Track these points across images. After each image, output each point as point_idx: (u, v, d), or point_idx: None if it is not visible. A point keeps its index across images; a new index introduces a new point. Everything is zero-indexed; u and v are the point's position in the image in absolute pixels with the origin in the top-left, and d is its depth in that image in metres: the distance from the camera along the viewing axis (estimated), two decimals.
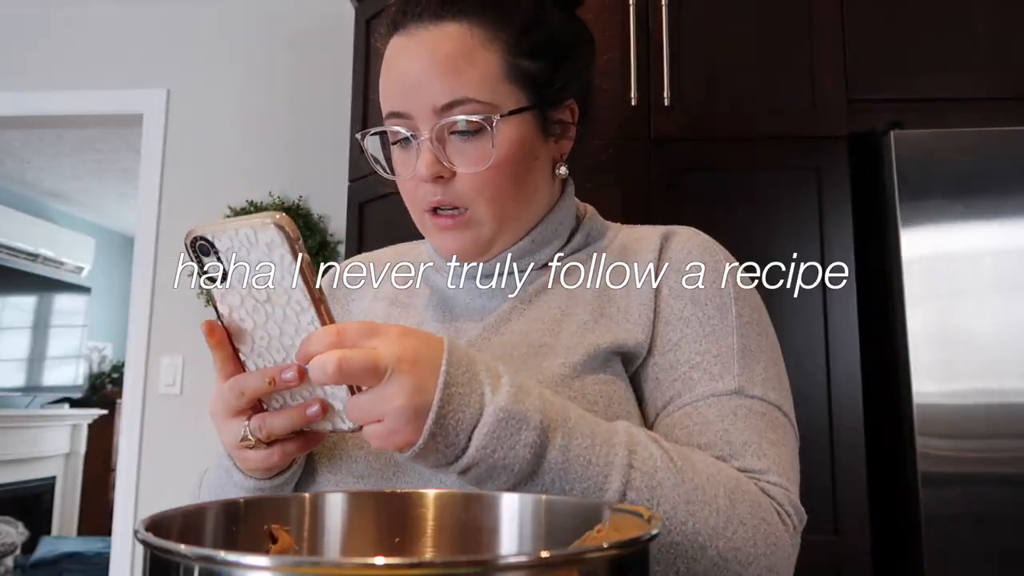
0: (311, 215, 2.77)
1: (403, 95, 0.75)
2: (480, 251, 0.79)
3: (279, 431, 0.61)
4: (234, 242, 0.54)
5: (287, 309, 0.56)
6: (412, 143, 0.76)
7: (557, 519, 0.52)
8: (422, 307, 0.83)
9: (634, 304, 0.77)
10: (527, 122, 0.76)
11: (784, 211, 1.77)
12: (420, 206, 0.78)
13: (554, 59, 0.77)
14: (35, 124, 3.10)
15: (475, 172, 0.74)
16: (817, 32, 1.82)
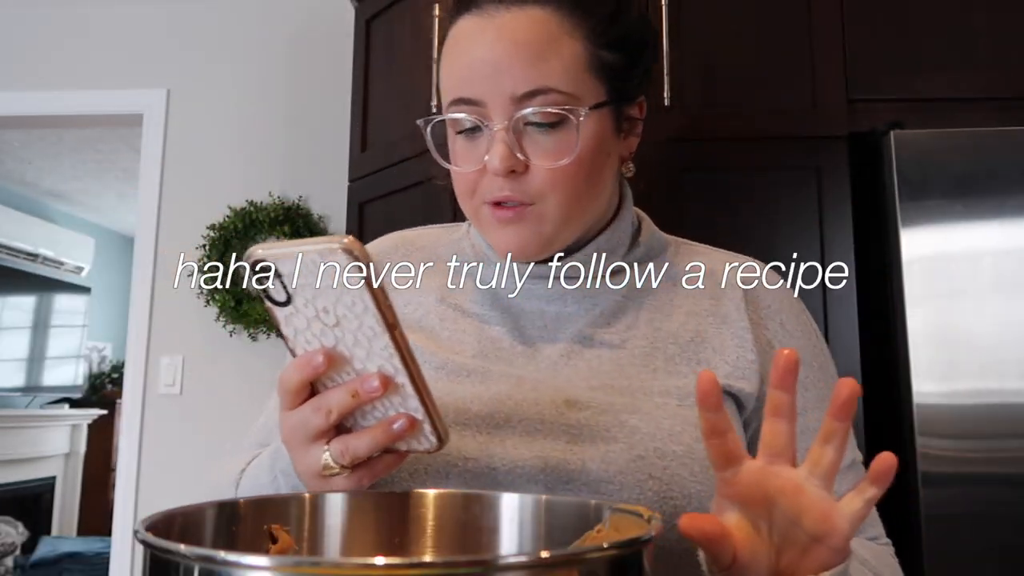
0: (311, 215, 2.77)
1: (477, 81, 0.69)
2: (539, 249, 0.73)
3: (364, 452, 0.55)
4: (298, 266, 0.51)
5: (358, 334, 0.52)
6: (481, 132, 0.71)
7: (557, 519, 0.52)
8: (479, 311, 0.78)
9: (730, 346, 0.74)
10: (605, 117, 0.72)
11: (784, 211, 1.77)
12: (480, 198, 0.72)
13: (631, 53, 0.74)
14: (35, 124, 3.10)
15: (552, 167, 0.69)
16: (817, 32, 1.82)
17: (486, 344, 0.75)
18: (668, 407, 0.69)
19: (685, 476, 0.66)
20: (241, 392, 2.73)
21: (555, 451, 0.67)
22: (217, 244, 2.74)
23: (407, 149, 2.00)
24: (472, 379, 0.72)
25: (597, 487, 0.65)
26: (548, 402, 0.70)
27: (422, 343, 0.75)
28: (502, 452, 0.68)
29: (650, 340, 0.74)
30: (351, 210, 2.16)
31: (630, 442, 0.67)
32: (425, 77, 1.94)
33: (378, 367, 0.53)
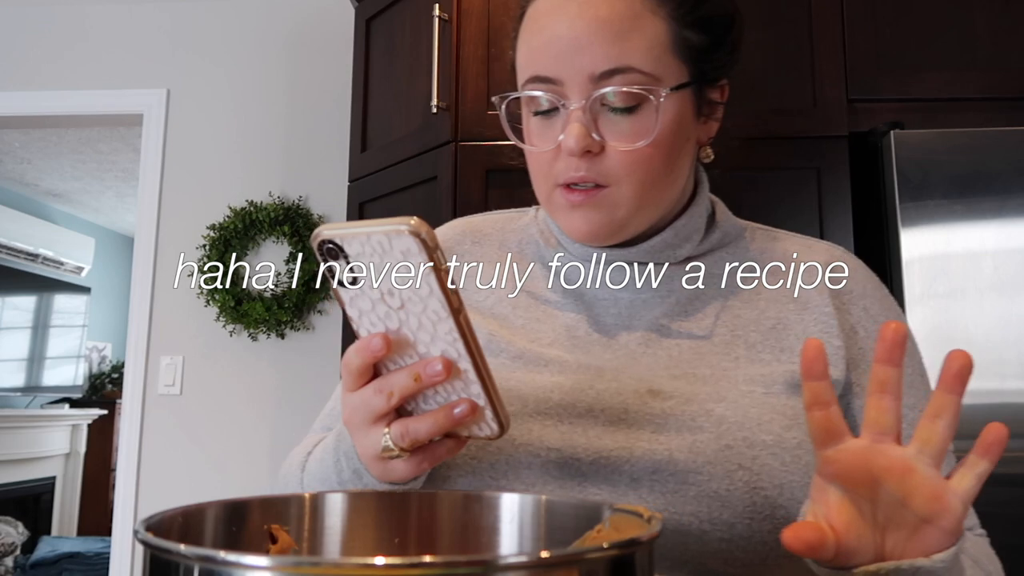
0: (311, 215, 2.77)
1: (555, 59, 0.67)
2: (611, 233, 0.71)
3: (424, 436, 0.55)
4: (365, 247, 0.50)
5: (422, 317, 0.52)
6: (557, 112, 0.69)
7: (557, 519, 0.52)
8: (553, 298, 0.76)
9: (813, 332, 0.72)
10: (686, 99, 0.69)
11: (784, 211, 1.77)
12: (553, 180, 0.70)
13: (716, 34, 0.71)
14: (35, 124, 3.10)
15: (629, 149, 0.67)
16: (817, 32, 1.82)
17: (561, 333, 0.73)
18: (754, 395, 0.67)
19: (776, 466, 0.64)
20: (241, 392, 2.73)
21: (640, 441, 0.65)
22: (217, 244, 2.74)
23: (407, 149, 2.00)
24: (551, 368, 0.70)
25: (684, 477, 0.63)
26: (631, 392, 0.68)
27: (497, 331, 0.74)
28: (585, 442, 0.66)
29: (730, 328, 0.72)
30: (351, 210, 2.16)
31: (717, 431, 0.65)
32: (425, 77, 1.94)
33: (441, 351, 0.53)
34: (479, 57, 1.88)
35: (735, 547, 0.63)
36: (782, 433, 0.65)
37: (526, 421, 0.67)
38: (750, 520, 0.62)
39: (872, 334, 0.73)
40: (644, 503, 0.64)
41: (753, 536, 0.63)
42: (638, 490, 0.64)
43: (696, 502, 0.63)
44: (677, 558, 0.63)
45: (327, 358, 2.71)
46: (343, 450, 0.64)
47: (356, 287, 0.52)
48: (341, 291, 0.53)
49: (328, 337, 2.72)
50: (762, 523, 0.63)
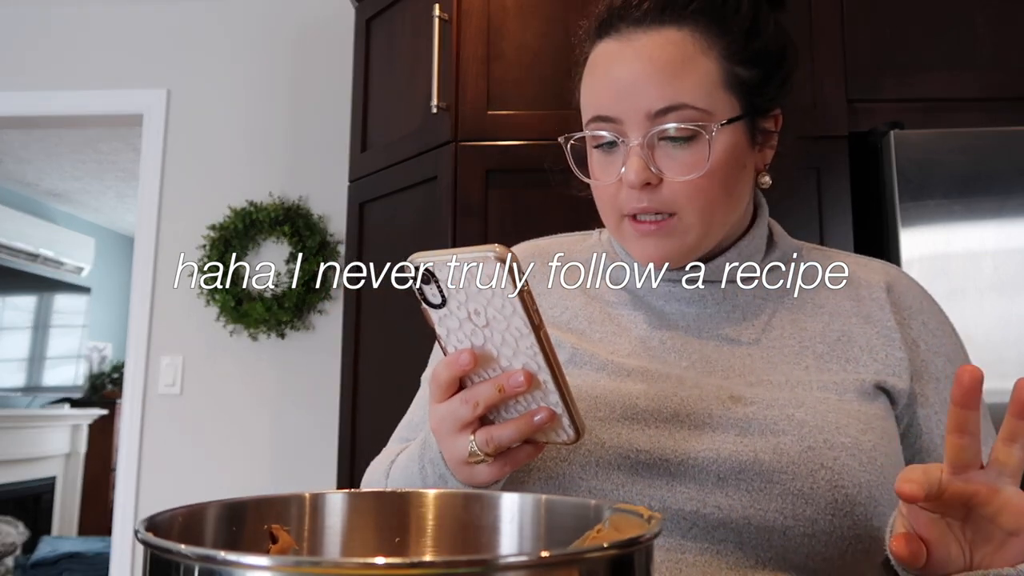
0: (311, 215, 2.77)
1: (615, 99, 0.73)
2: (681, 258, 0.77)
3: (507, 442, 0.61)
4: (454, 272, 0.56)
5: (506, 334, 0.57)
6: (617, 147, 0.75)
7: (557, 519, 0.52)
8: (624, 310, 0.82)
9: (878, 345, 0.77)
10: (739, 130, 0.75)
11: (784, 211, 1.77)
12: (620, 211, 0.76)
13: (768, 67, 0.76)
14: (35, 124, 3.10)
15: (684, 180, 0.72)
16: (817, 32, 1.82)
17: (637, 345, 0.79)
18: (829, 401, 0.72)
19: (855, 466, 0.68)
20: (241, 392, 2.73)
21: (726, 444, 0.70)
22: (217, 244, 2.74)
23: (407, 149, 2.00)
24: (633, 377, 0.76)
25: (769, 476, 0.68)
26: (713, 398, 0.73)
27: (579, 344, 0.79)
28: (673, 445, 0.71)
29: (798, 340, 0.77)
30: (351, 210, 2.16)
31: (799, 434, 0.69)
32: (425, 77, 1.94)
33: (523, 364, 0.58)
34: (479, 57, 1.88)
35: (817, 542, 0.67)
36: (858, 436, 0.70)
37: (615, 425, 0.73)
38: (832, 516, 0.67)
39: (932, 347, 0.79)
40: (730, 500, 0.69)
41: (834, 531, 0.67)
42: (724, 488, 0.69)
43: (780, 499, 0.68)
44: (762, 553, 0.68)
45: (327, 358, 2.71)
46: (428, 457, 0.70)
47: (445, 308, 0.59)
48: (431, 312, 0.60)
49: (328, 337, 2.72)
50: (843, 519, 0.67)
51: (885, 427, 0.73)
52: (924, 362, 0.77)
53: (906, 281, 0.83)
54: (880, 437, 0.71)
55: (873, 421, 0.72)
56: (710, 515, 0.69)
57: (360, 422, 2.06)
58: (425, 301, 0.59)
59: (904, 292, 0.81)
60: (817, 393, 0.73)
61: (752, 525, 0.68)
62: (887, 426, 0.73)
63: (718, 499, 0.69)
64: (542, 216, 1.13)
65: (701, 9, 0.73)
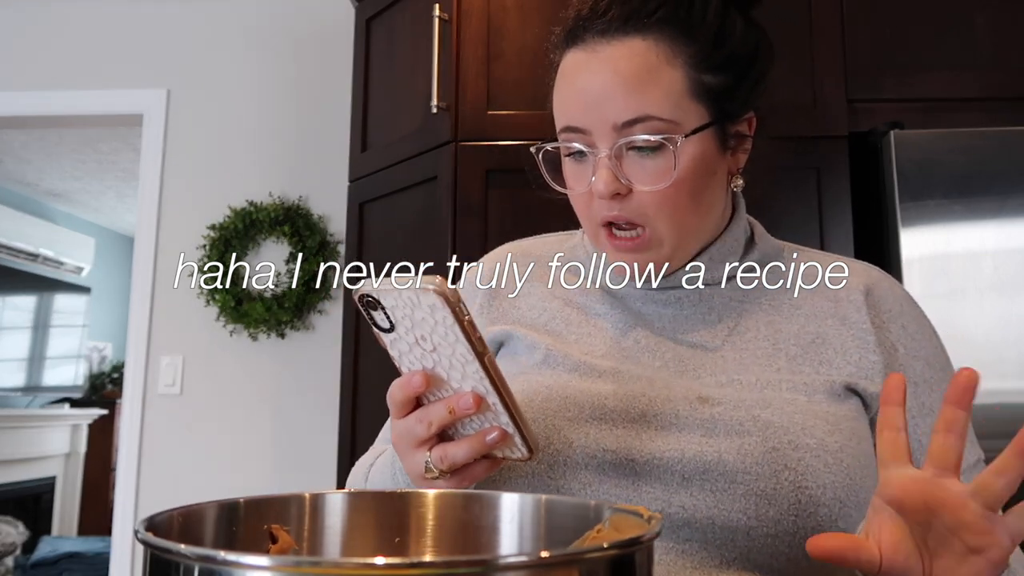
0: (311, 215, 2.77)
1: (583, 111, 0.73)
2: (658, 270, 0.78)
3: (461, 459, 0.62)
4: (399, 300, 0.58)
5: (452, 359, 0.60)
6: (587, 157, 0.75)
7: (557, 519, 0.52)
8: (602, 311, 0.82)
9: (852, 348, 0.77)
10: (708, 138, 0.74)
11: (784, 211, 1.77)
12: (595, 220, 0.77)
13: (737, 72, 0.76)
14: (35, 124, 3.10)
15: (652, 190, 0.73)
16: (817, 32, 1.82)
17: (612, 346, 0.79)
18: (798, 403, 0.72)
19: (819, 467, 0.68)
20: (241, 392, 2.73)
21: (691, 444, 0.71)
22: (217, 244, 2.74)
23: (407, 149, 2.00)
24: (605, 378, 0.76)
25: (733, 477, 0.68)
26: (681, 399, 0.73)
27: (553, 346, 0.80)
28: (639, 445, 0.71)
29: (772, 341, 0.77)
30: (351, 210, 2.16)
31: (764, 435, 0.70)
32: (425, 77, 1.94)
33: (472, 387, 0.60)
34: (479, 57, 1.88)
35: (781, 542, 0.68)
36: (824, 437, 0.70)
37: (583, 426, 0.73)
38: (795, 517, 0.67)
39: (911, 351, 0.78)
40: (695, 500, 0.69)
41: (798, 532, 0.68)
42: (689, 489, 0.69)
43: (744, 500, 0.68)
44: (726, 553, 0.69)
45: (327, 358, 2.71)
46: (398, 466, 0.73)
47: (394, 333, 0.61)
48: (382, 336, 0.62)
49: (328, 337, 2.72)
50: (806, 520, 0.68)
51: (855, 428, 0.72)
52: (902, 366, 0.77)
53: (887, 284, 0.82)
54: (848, 438, 0.71)
55: (842, 422, 0.72)
56: (675, 515, 0.69)
57: (360, 422, 2.06)
58: (375, 326, 0.61)
59: (884, 295, 0.80)
60: (786, 394, 0.73)
61: (716, 525, 0.68)
62: (857, 427, 0.73)
63: (683, 499, 0.69)
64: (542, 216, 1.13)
65: (666, 19, 0.73)
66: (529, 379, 0.78)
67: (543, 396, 0.75)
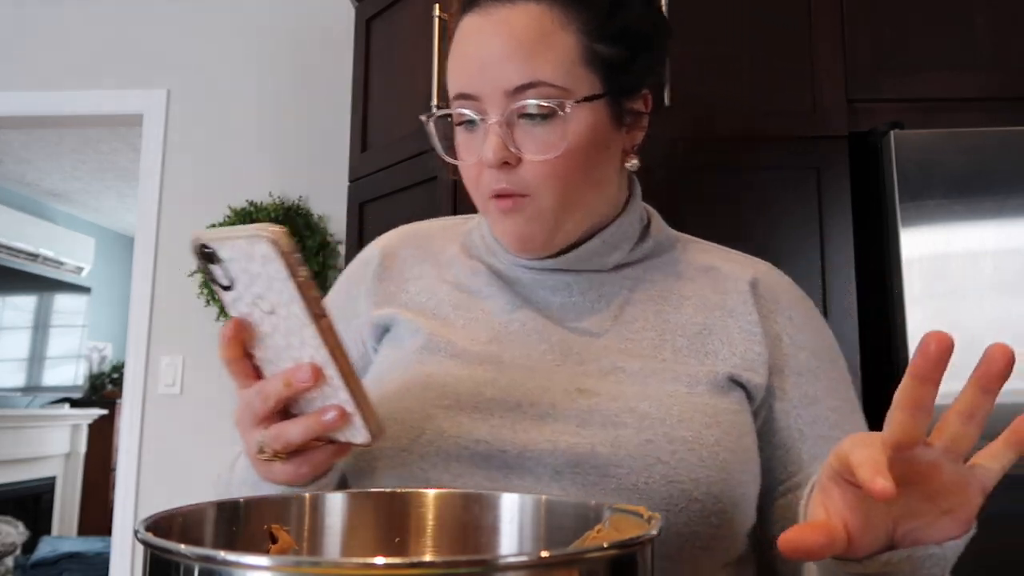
0: (311, 215, 2.77)
1: (474, 76, 0.71)
2: (544, 242, 0.75)
3: (296, 440, 0.56)
4: (235, 252, 0.52)
5: (289, 322, 0.54)
6: (479, 126, 0.73)
7: (557, 519, 0.52)
8: (490, 295, 0.80)
9: (738, 339, 0.76)
10: (601, 110, 0.72)
11: (784, 211, 1.77)
12: (484, 192, 0.74)
13: (633, 46, 0.74)
14: (35, 124, 3.10)
15: (543, 159, 0.70)
16: (817, 32, 1.82)
17: (499, 331, 0.77)
18: (678, 394, 0.71)
19: (693, 461, 0.67)
20: None
21: (565, 435, 0.69)
22: None
23: (407, 149, 2.00)
24: (486, 366, 0.74)
25: (605, 470, 0.67)
26: (560, 389, 0.72)
27: (437, 331, 0.77)
28: (512, 436, 0.69)
29: (658, 331, 0.76)
30: (351, 210, 2.16)
31: (639, 427, 0.68)
32: (425, 77, 1.94)
33: (310, 356, 0.54)
34: None
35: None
36: (701, 431, 0.69)
37: (458, 415, 0.71)
38: (666, 512, 0.66)
39: (797, 341, 0.78)
40: (565, 494, 0.67)
41: (670, 527, 0.66)
42: (560, 482, 0.67)
43: (616, 494, 0.66)
44: None
45: None
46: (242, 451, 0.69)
47: (234, 291, 0.54)
48: (222, 294, 0.55)
49: None
50: (678, 515, 0.66)
51: (735, 421, 0.71)
52: (786, 356, 0.77)
53: (775, 276, 0.82)
54: (726, 432, 0.70)
55: (721, 416, 0.71)
56: None
57: None
58: (214, 282, 0.55)
59: (771, 287, 0.80)
60: (668, 386, 0.72)
61: None
62: (738, 420, 0.72)
63: (554, 492, 0.67)
64: None
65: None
66: (409, 365, 0.75)
67: (421, 384, 0.73)
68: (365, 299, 0.83)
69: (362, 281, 0.85)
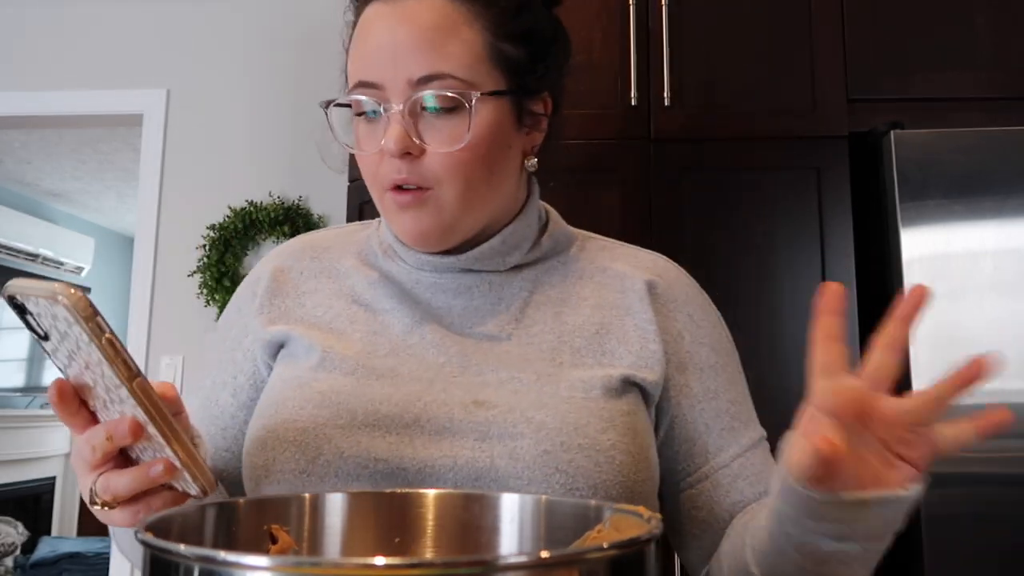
0: (311, 215, 2.77)
1: (377, 65, 0.71)
2: (441, 236, 0.75)
3: (124, 491, 0.55)
4: (40, 307, 0.49)
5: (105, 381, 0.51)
6: (380, 116, 0.72)
7: (557, 519, 0.52)
8: (389, 307, 0.78)
9: (634, 338, 0.77)
10: (503, 107, 0.73)
11: (784, 211, 1.77)
12: (382, 184, 0.73)
13: (535, 48, 0.75)
14: (35, 124, 3.10)
15: (446, 152, 0.70)
16: (817, 32, 1.82)
17: (397, 343, 0.76)
18: (574, 400, 0.71)
19: (590, 467, 0.68)
20: None
21: (464, 449, 0.68)
22: (217, 244, 2.74)
23: None
24: (383, 381, 0.73)
25: (506, 483, 0.67)
26: (457, 402, 0.71)
27: (333, 346, 0.76)
28: (412, 452, 0.69)
29: (557, 334, 0.76)
30: (351, 210, 2.16)
31: (536, 437, 0.68)
32: None
33: (131, 412, 0.52)
34: None
35: None
36: (597, 436, 0.69)
37: (356, 433, 0.69)
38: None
39: (697, 338, 0.80)
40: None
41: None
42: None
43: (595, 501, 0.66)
44: None
45: None
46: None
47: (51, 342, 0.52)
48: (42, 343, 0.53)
49: None
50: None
51: (630, 423, 0.72)
52: (689, 353, 0.78)
53: (673, 274, 0.83)
54: (622, 435, 0.70)
55: (616, 418, 0.71)
56: None
57: None
58: (32, 331, 0.53)
59: (670, 285, 0.81)
60: (563, 393, 0.72)
61: None
62: (633, 422, 0.72)
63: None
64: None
65: None
66: (304, 383, 0.73)
67: (316, 403, 0.71)
68: (256, 316, 0.81)
69: (252, 299, 0.82)
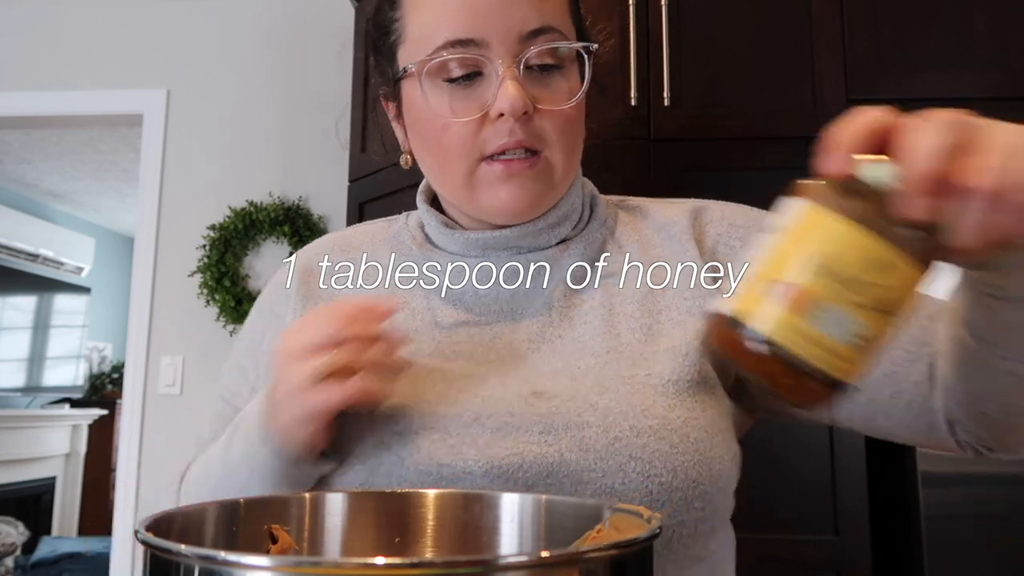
0: (311, 215, 2.77)
1: (477, 19, 0.65)
2: (546, 204, 0.70)
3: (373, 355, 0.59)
4: None
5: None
6: (479, 77, 0.67)
7: (557, 519, 0.52)
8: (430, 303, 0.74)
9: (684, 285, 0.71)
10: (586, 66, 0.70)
11: None
12: (480, 152, 0.68)
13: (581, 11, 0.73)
14: (35, 124, 3.10)
15: (558, 110, 0.66)
16: (817, 32, 1.82)
17: (442, 341, 0.72)
18: (635, 380, 0.66)
19: (665, 450, 0.63)
20: None
21: (530, 446, 0.63)
22: (217, 244, 2.74)
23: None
24: (433, 379, 0.68)
25: (579, 477, 0.62)
26: (515, 396, 0.66)
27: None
28: (476, 453, 0.64)
29: (608, 308, 0.71)
30: (351, 210, 2.16)
31: (604, 424, 0.63)
32: None
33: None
34: None
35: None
36: (666, 414, 0.64)
37: (414, 439, 0.65)
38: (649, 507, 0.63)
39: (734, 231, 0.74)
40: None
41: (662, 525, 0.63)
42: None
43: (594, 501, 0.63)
44: None
45: None
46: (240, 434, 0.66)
47: None
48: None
49: None
50: (661, 508, 0.61)
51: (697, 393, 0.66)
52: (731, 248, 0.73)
53: (714, 204, 0.78)
54: (691, 409, 0.65)
55: (683, 390, 0.65)
56: None
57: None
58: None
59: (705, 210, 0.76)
60: (624, 373, 0.66)
61: None
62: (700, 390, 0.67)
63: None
64: None
65: None
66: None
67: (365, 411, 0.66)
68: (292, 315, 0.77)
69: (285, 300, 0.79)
